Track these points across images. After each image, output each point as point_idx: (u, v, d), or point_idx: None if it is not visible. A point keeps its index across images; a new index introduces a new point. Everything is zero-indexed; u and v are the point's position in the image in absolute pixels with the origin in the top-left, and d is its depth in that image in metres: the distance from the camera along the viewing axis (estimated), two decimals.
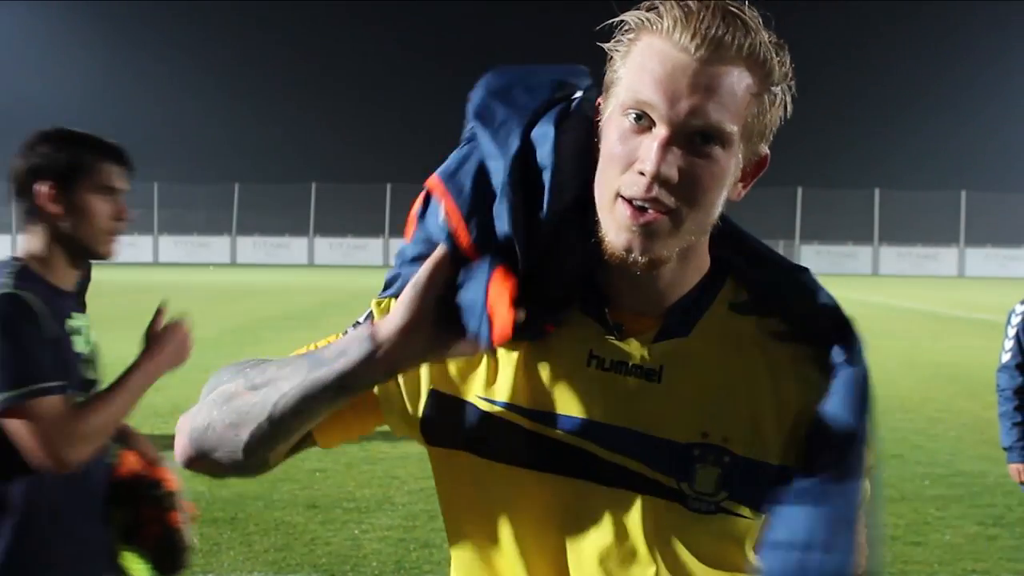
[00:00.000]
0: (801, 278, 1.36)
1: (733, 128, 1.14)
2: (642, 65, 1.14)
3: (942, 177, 58.07)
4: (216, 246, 59.19)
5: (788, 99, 1.21)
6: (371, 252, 58.79)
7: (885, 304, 27.72)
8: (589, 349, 1.23)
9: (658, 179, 1.11)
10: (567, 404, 1.22)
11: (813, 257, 57.19)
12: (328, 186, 60.62)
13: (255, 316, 20.18)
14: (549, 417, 1.22)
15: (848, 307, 1.35)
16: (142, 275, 39.71)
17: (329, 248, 58.93)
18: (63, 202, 2.45)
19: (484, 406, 1.24)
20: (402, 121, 74.28)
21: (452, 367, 1.26)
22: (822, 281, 1.39)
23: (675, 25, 1.12)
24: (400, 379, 1.28)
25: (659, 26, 1.13)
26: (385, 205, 60.44)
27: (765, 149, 1.23)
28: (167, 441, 6.25)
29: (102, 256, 2.61)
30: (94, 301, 2.42)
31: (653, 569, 1.19)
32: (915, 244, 57.15)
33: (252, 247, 59.30)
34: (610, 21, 1.19)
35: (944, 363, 13.99)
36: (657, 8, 1.14)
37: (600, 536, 1.20)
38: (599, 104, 1.23)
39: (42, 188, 2.44)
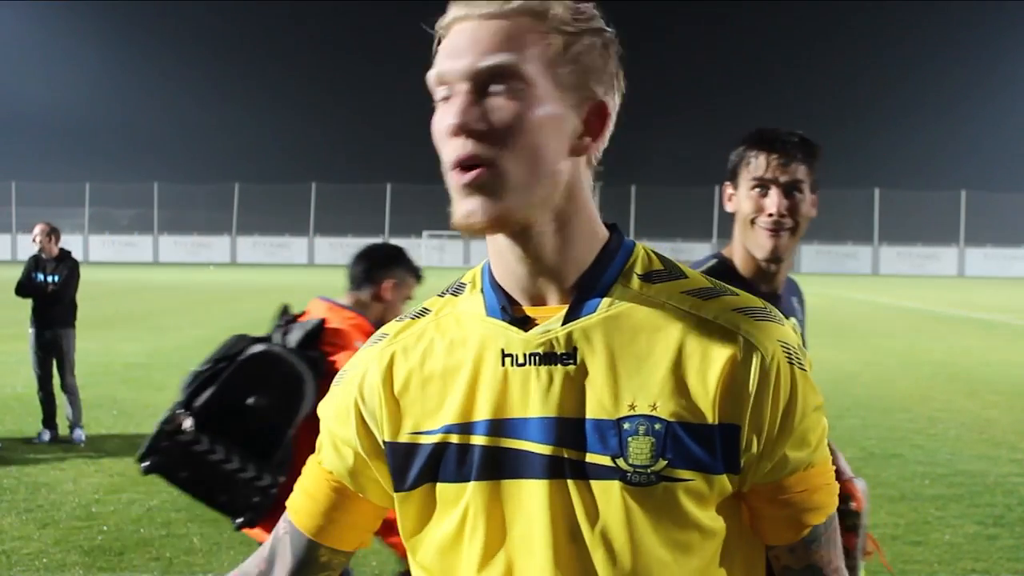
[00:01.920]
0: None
1: (525, 65, 1.16)
2: (440, 51, 1.22)
3: (942, 177, 58.10)
4: (216, 246, 59.19)
5: (603, 45, 1.23)
6: None
7: (885, 304, 27.71)
8: (500, 349, 1.23)
9: (463, 130, 1.15)
10: (490, 409, 1.23)
11: (813, 257, 57.25)
12: (328, 186, 60.63)
13: (255, 316, 20.16)
14: (477, 426, 1.23)
15: (848, 307, 1.33)
16: (142, 275, 39.70)
17: (329, 248, 58.90)
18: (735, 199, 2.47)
19: (426, 439, 1.26)
20: (402, 121, 74.24)
21: (389, 416, 1.30)
22: (822, 281, 1.38)
23: (458, 9, 1.20)
24: (360, 457, 1.33)
25: (448, 18, 1.21)
26: (385, 205, 60.46)
27: (598, 96, 1.22)
28: None
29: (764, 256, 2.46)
30: (94, 302, 2.40)
31: (603, 553, 1.19)
32: (915, 244, 57.17)
33: (252, 247, 59.31)
34: (435, 41, 1.25)
35: (944, 363, 13.99)
36: (447, 8, 1.23)
37: (546, 531, 1.20)
38: None
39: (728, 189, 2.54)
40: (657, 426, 1.18)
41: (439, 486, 1.26)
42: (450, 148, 1.17)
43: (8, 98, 65.77)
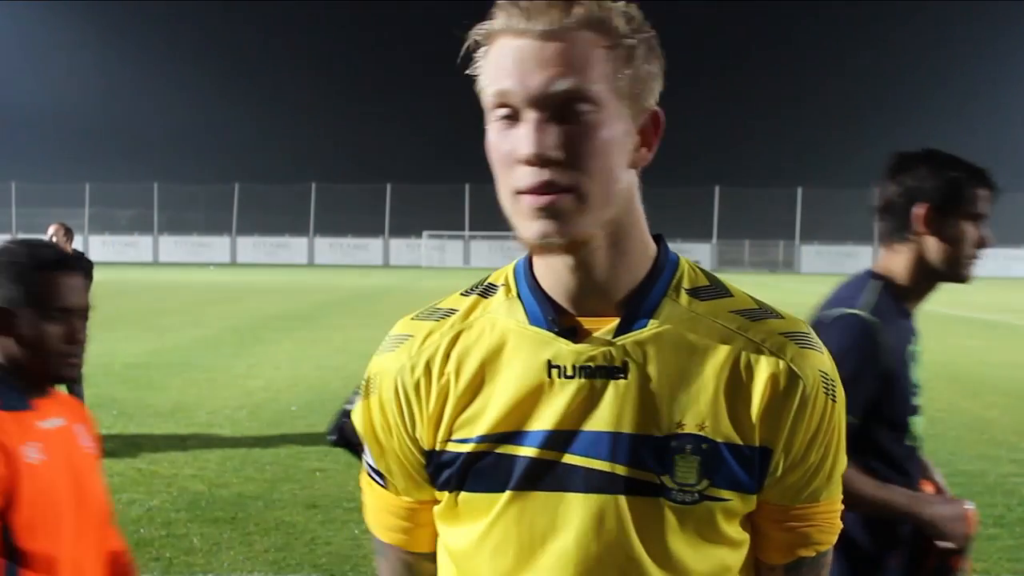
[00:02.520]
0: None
1: (594, 87, 1.14)
2: (495, 65, 1.17)
3: None
4: (216, 246, 59.17)
5: (650, 49, 1.20)
6: (371, 252, 58.81)
7: None
8: (547, 360, 1.21)
9: (540, 161, 1.12)
10: (535, 420, 1.21)
11: (813, 257, 57.23)
12: (328, 186, 60.61)
13: (255, 316, 20.18)
14: (520, 437, 1.21)
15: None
16: (142, 275, 39.70)
17: (329, 248, 58.90)
18: (936, 225, 2.48)
19: (456, 447, 1.25)
20: (402, 122, 74.27)
21: (428, 423, 1.28)
22: (822, 281, 1.39)
23: (508, 18, 1.15)
24: (402, 465, 1.31)
25: (499, 27, 1.16)
26: (385, 205, 60.43)
27: (653, 105, 1.22)
28: (168, 440, 6.31)
29: (961, 280, 2.60)
30: (95, 302, 2.39)
31: (646, 569, 1.20)
32: None
33: (252, 247, 59.29)
34: (466, 46, 1.21)
35: (944, 363, 13.98)
36: (490, 14, 1.18)
37: (590, 545, 1.19)
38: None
39: (919, 211, 2.48)
40: (704, 446, 1.19)
41: (466, 495, 1.25)
42: (520, 174, 1.14)
43: (8, 98, 65.76)
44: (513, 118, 1.16)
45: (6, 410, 2.03)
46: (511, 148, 1.15)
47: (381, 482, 1.35)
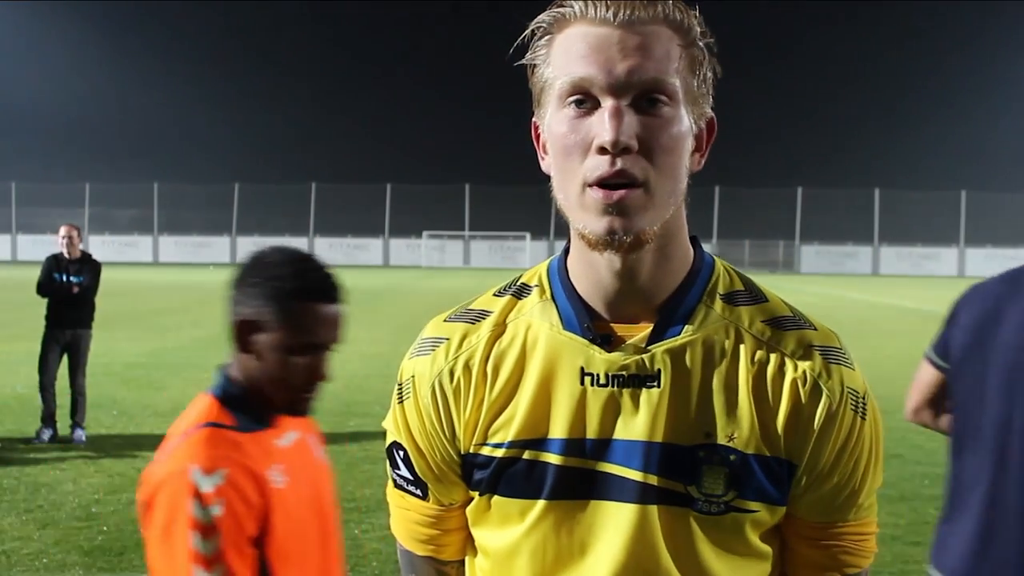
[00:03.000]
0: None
1: (675, 81, 1.13)
2: (568, 52, 1.14)
3: (942, 177, 58.09)
4: (216, 246, 59.20)
5: (712, 56, 1.20)
6: (371, 252, 58.83)
7: (885, 304, 27.71)
8: (580, 367, 1.20)
9: (618, 147, 1.10)
10: (566, 427, 1.20)
11: (813, 257, 57.24)
12: (328, 186, 60.64)
13: None
14: (550, 444, 1.21)
15: (848, 307, 1.33)
16: (142, 275, 39.71)
17: (329, 248, 58.86)
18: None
19: (490, 451, 1.24)
20: (402, 122, 74.26)
21: (464, 426, 1.26)
22: (822, 281, 1.38)
23: (587, 5, 1.13)
24: (440, 467, 1.30)
25: (571, 15, 1.14)
26: (385, 205, 60.44)
27: (710, 111, 1.21)
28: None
29: None
30: (95, 302, 2.39)
31: None
32: (915, 244, 57.18)
33: (252, 247, 58.63)
34: (522, 36, 1.20)
35: None
36: (562, 3, 1.16)
37: (616, 554, 1.19)
38: (536, 123, 1.23)
39: None
40: (732, 457, 1.18)
41: (498, 499, 1.24)
42: (592, 164, 1.12)
43: (8, 98, 65.76)
44: (587, 106, 1.13)
45: (247, 432, 1.88)
46: (584, 136, 1.12)
47: (418, 492, 1.33)
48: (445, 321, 1.32)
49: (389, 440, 1.36)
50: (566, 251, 1.28)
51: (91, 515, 5.98)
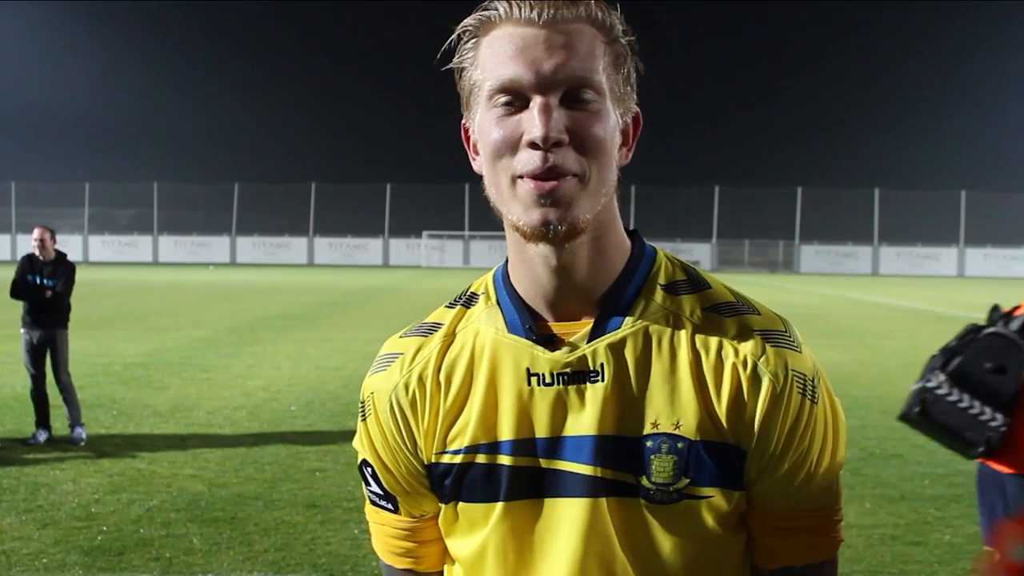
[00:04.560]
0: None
1: (600, 78, 1.16)
2: (495, 53, 1.16)
3: (942, 177, 58.15)
4: (216, 246, 59.20)
5: (634, 54, 1.23)
6: (371, 252, 58.84)
7: (885, 304, 27.71)
8: (526, 368, 1.22)
9: (549, 142, 1.11)
10: (516, 428, 1.22)
11: (813, 257, 57.24)
12: (328, 186, 60.65)
13: (255, 316, 20.18)
14: (502, 446, 1.23)
15: (848, 307, 1.33)
16: (142, 275, 39.70)
17: (329, 248, 58.92)
18: None
19: (449, 459, 1.26)
20: (402, 122, 74.25)
21: (424, 437, 1.29)
22: (822, 281, 1.38)
23: (511, 7, 1.16)
24: (408, 481, 1.31)
25: (496, 17, 1.17)
26: (385, 205, 60.45)
27: (635, 107, 1.24)
28: (167, 440, 6.31)
29: None
30: (94, 302, 2.39)
31: (630, 570, 1.20)
32: (915, 244, 57.20)
33: (252, 247, 59.31)
34: (449, 40, 1.22)
35: None
36: (487, 5, 1.18)
37: (573, 550, 1.21)
38: (466, 125, 1.25)
39: None
40: (680, 444, 1.19)
41: (463, 505, 1.26)
42: (523, 159, 1.14)
43: (8, 98, 65.75)
44: (516, 105, 1.15)
45: None
46: (513, 132, 1.15)
47: (390, 506, 1.35)
48: (400, 337, 1.34)
49: (359, 458, 1.37)
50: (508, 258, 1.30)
51: (91, 515, 5.98)
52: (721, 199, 57.25)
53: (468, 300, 1.33)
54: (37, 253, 8.32)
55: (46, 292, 8.19)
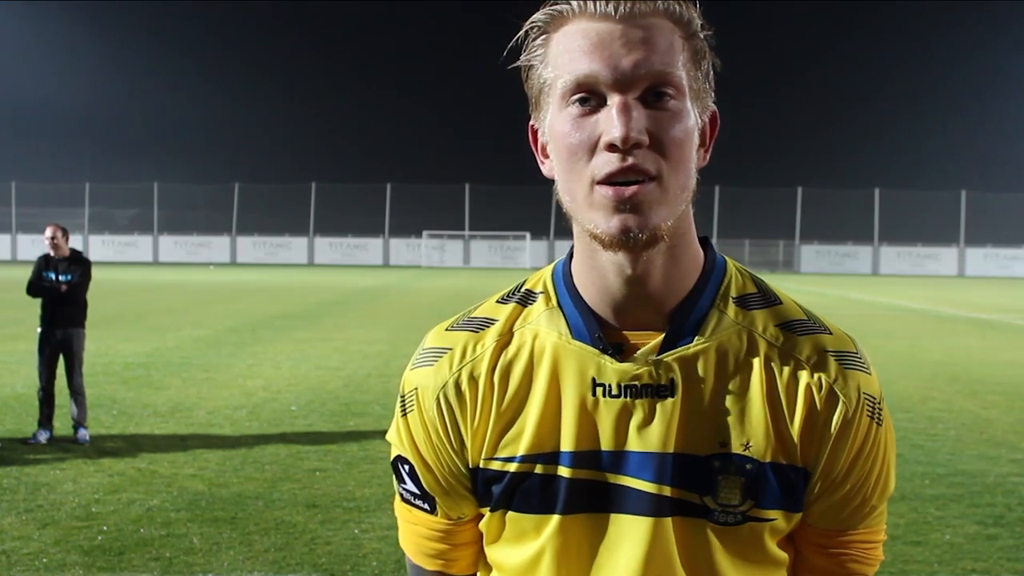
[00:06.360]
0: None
1: (680, 74, 1.10)
2: (568, 50, 1.11)
3: (942, 177, 58.14)
4: (216, 246, 59.20)
5: (711, 49, 1.17)
6: (371, 252, 58.83)
7: (885, 304, 27.70)
8: (591, 377, 1.17)
9: (629, 143, 1.06)
10: (577, 440, 1.17)
11: (813, 257, 57.24)
12: (328, 186, 60.64)
13: (255, 316, 20.18)
14: (563, 457, 1.18)
15: (848, 307, 1.32)
16: (142, 275, 39.70)
17: (329, 248, 58.91)
18: None
19: (500, 465, 1.21)
20: (402, 122, 74.26)
21: (472, 439, 1.23)
22: (822, 281, 1.37)
23: (584, 3, 1.10)
24: (448, 482, 1.27)
25: (569, 12, 1.12)
26: (385, 205, 60.43)
27: (712, 105, 1.19)
28: (167, 440, 6.32)
29: None
30: (94, 302, 2.39)
31: None
32: (915, 244, 57.21)
33: (252, 247, 59.31)
34: (516, 37, 1.17)
35: (944, 363, 13.98)
36: (557, 1, 1.13)
37: (634, 568, 1.17)
38: (534, 127, 1.20)
39: None
40: (748, 466, 1.16)
41: (513, 515, 1.21)
42: (602, 161, 1.08)
43: (8, 98, 65.76)
44: (591, 104, 1.10)
45: None
46: (590, 134, 1.09)
47: (426, 506, 1.30)
48: (447, 330, 1.28)
49: (394, 454, 1.32)
50: (570, 255, 1.24)
51: (91, 515, 5.98)
52: (721, 199, 57.24)
53: (525, 298, 1.26)
54: (50, 251, 8.35)
55: (61, 287, 8.19)
